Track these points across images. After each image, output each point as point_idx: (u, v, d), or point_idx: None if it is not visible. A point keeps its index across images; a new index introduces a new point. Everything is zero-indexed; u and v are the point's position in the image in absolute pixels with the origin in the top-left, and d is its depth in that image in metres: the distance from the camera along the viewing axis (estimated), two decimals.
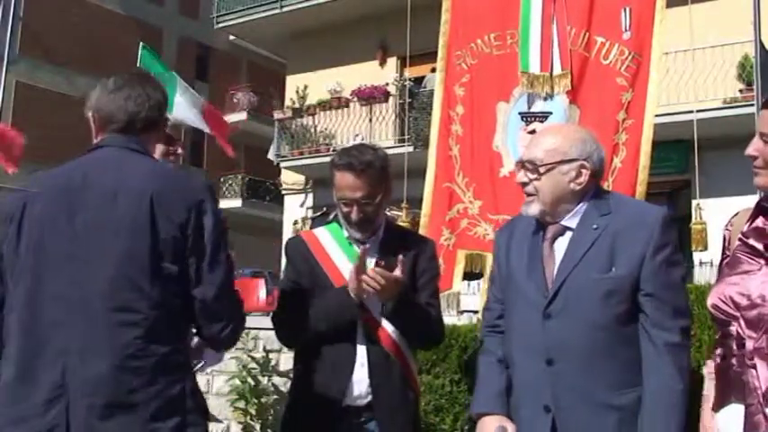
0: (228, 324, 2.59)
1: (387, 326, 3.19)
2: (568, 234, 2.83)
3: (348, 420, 3.14)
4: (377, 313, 3.18)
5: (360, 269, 3.06)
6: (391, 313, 3.14)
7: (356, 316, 3.15)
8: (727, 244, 2.80)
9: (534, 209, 2.84)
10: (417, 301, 3.24)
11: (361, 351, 3.16)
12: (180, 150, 3.53)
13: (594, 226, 2.78)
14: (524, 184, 2.87)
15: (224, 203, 30.39)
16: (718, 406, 2.60)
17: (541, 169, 2.82)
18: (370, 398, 3.14)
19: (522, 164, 2.90)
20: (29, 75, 26.50)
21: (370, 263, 3.16)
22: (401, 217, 4.74)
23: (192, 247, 2.48)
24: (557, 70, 4.57)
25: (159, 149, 3.28)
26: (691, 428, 2.68)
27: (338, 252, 3.30)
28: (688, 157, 14.00)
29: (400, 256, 3.09)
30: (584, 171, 2.82)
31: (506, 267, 2.96)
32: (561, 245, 2.83)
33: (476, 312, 5.43)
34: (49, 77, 26.86)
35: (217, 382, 6.67)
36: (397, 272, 3.06)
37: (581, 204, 2.84)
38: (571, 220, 2.84)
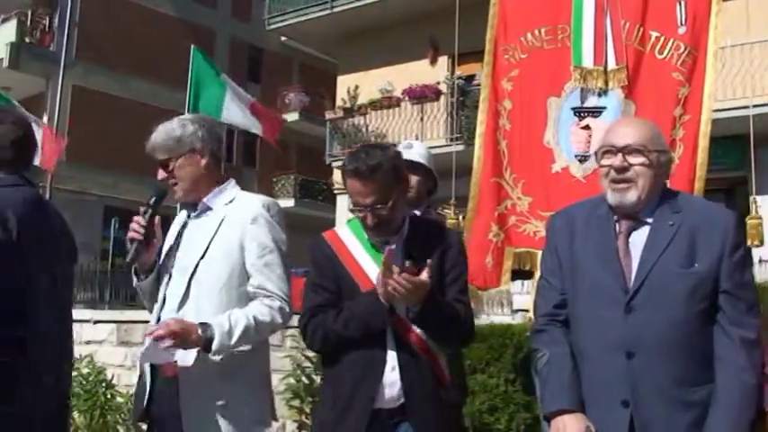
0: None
1: (416, 327, 3.10)
2: (644, 228, 2.82)
3: (380, 423, 3.05)
4: (406, 315, 3.08)
5: (387, 273, 2.95)
6: (418, 317, 3.03)
7: (386, 322, 3.05)
8: None
9: (632, 195, 2.80)
10: (445, 301, 3.13)
11: (392, 353, 3.07)
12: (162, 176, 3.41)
13: (670, 222, 2.78)
14: (623, 170, 2.81)
15: None
16: None
17: (651, 156, 2.80)
18: (402, 400, 3.06)
19: (618, 150, 2.83)
20: (84, 78, 26.97)
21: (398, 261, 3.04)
22: (449, 215, 4.69)
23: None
24: (611, 65, 4.52)
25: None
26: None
27: (362, 253, 3.21)
28: (745, 154, 13.75)
29: (429, 260, 2.98)
30: (672, 165, 2.93)
31: (570, 257, 2.92)
32: (637, 239, 2.82)
33: (529, 311, 5.37)
34: (104, 81, 27.31)
35: (272, 380, 6.72)
36: (424, 275, 2.94)
37: (655, 200, 2.85)
38: (647, 215, 2.84)
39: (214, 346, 3.08)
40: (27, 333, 3.07)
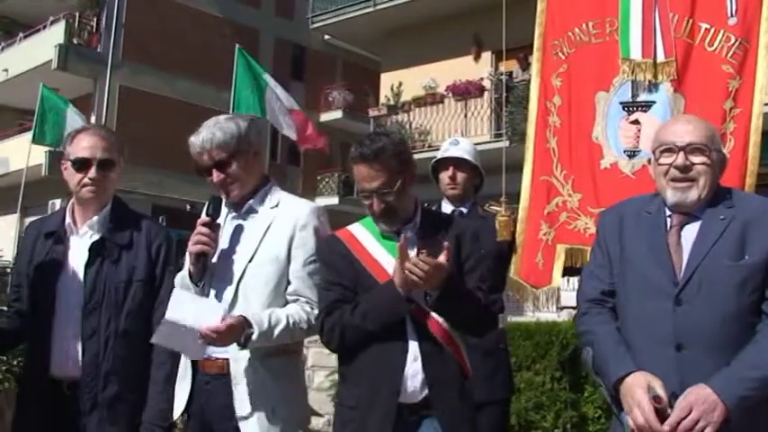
0: None
1: (437, 315, 3.03)
2: (695, 223, 2.84)
3: (402, 420, 2.98)
4: (424, 302, 2.99)
5: (403, 262, 2.88)
6: (436, 302, 2.94)
7: (406, 311, 2.98)
8: None
9: (694, 194, 2.84)
10: (464, 287, 3.05)
11: (413, 344, 3.00)
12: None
13: (722, 216, 2.80)
14: (686, 168, 2.84)
15: (321, 201, 30.81)
16: None
17: (712, 155, 2.84)
18: (425, 392, 2.99)
19: (680, 148, 2.85)
20: (131, 79, 27.26)
21: (413, 252, 2.99)
22: (500, 212, 4.64)
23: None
24: (660, 58, 4.45)
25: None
26: None
27: (377, 247, 3.17)
28: None
29: (446, 243, 2.91)
30: (725, 163, 2.94)
31: (620, 253, 2.93)
32: (688, 233, 2.84)
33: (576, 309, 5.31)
34: (151, 81, 27.59)
35: (317, 377, 6.74)
36: (442, 257, 2.86)
37: (708, 197, 2.88)
38: (700, 211, 2.86)
39: (249, 345, 3.09)
40: None
